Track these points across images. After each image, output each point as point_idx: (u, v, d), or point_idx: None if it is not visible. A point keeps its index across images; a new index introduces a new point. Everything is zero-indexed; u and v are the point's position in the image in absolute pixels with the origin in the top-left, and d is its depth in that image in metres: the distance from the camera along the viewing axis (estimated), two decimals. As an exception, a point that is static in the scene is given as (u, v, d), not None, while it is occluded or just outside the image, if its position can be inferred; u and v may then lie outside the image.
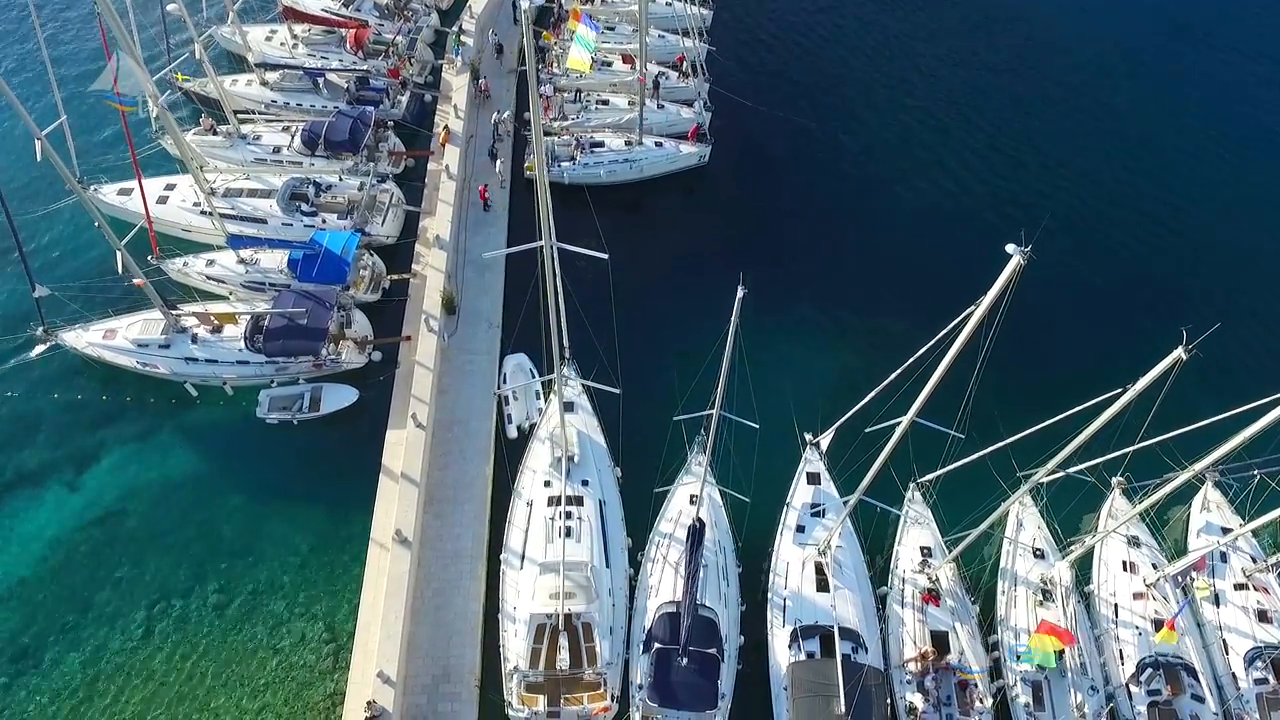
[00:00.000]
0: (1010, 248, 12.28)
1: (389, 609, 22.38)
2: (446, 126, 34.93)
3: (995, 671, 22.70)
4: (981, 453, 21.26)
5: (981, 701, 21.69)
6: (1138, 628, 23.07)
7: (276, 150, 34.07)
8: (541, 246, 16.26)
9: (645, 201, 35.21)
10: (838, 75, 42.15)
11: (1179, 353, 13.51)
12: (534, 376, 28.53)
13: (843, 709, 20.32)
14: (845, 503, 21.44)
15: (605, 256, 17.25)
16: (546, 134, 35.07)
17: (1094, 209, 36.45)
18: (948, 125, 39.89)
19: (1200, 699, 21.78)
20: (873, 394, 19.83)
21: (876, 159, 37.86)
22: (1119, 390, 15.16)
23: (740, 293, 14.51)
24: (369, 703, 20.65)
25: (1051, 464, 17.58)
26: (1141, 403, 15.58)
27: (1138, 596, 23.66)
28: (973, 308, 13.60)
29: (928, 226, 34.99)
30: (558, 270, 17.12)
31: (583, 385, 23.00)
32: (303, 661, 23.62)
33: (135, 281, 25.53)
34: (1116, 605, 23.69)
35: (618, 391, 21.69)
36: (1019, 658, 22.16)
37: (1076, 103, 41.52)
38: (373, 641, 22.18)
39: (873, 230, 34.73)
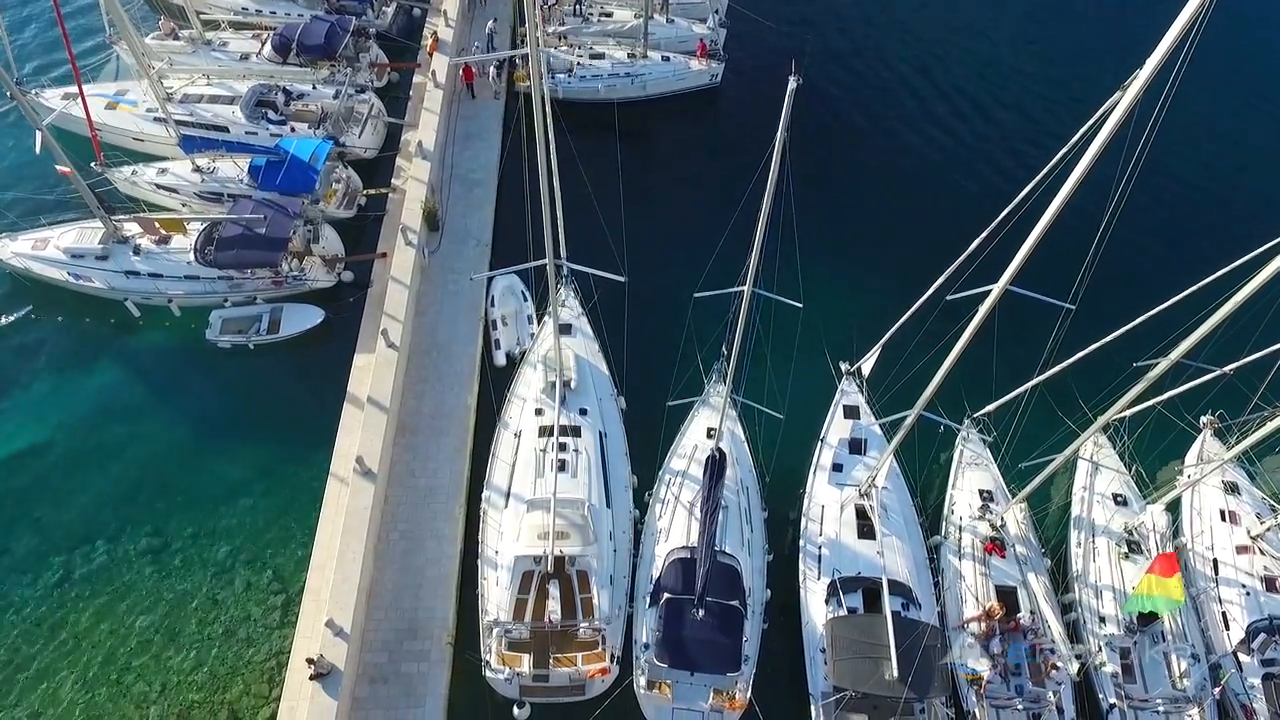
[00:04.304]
0: None
1: (346, 547, 18.61)
2: (435, 34, 31.25)
3: (1074, 635, 18.90)
4: (1064, 364, 17.45)
5: (1058, 669, 17.91)
6: (1244, 586, 19.25)
7: (245, 58, 30.42)
8: (526, 52, 12.55)
9: (652, 123, 31.29)
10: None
11: None
12: (525, 299, 24.88)
13: (895, 673, 16.49)
14: (904, 419, 17.54)
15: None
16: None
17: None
18: (996, 39, 35.85)
19: (1327, 671, 17.93)
20: (941, 279, 15.94)
21: (921, 81, 33.88)
22: (1271, 245, 11.17)
23: (792, 83, 10.64)
24: (310, 659, 16.76)
25: (1174, 354, 13.58)
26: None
27: (1242, 550, 19.84)
28: (1115, 98, 9.51)
29: (974, 155, 31.13)
30: (549, 108, 13.38)
31: (578, 271, 19.02)
32: (247, 615, 19.98)
33: (60, 169, 21.82)
34: (1216, 561, 19.86)
35: (623, 279, 17.83)
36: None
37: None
38: (325, 587, 18.44)
39: (910, 165, 30.75)
